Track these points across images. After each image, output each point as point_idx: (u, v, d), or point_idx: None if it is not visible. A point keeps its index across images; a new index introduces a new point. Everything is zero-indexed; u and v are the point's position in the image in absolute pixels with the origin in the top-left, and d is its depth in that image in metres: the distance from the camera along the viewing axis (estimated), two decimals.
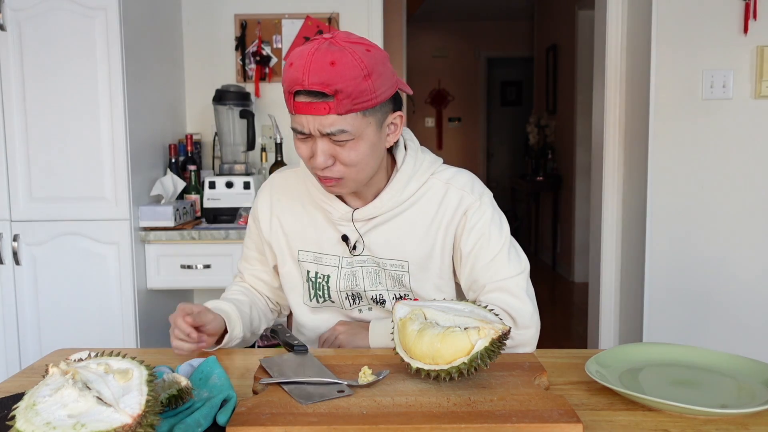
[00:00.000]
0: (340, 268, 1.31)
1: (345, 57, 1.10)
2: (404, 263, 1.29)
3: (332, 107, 1.11)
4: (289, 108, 1.16)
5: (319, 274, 1.34)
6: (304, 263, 1.35)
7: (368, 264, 1.30)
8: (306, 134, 1.16)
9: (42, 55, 2.37)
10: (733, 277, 2.76)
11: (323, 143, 1.15)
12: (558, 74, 5.74)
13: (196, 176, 2.83)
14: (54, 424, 0.73)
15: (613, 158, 3.02)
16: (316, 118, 1.12)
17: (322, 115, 1.12)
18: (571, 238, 5.37)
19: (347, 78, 1.10)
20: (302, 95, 1.11)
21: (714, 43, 2.69)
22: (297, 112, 1.14)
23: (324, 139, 1.15)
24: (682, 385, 1.04)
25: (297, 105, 1.13)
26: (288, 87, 1.13)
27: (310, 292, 1.36)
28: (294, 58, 1.13)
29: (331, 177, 1.19)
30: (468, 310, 1.07)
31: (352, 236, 1.29)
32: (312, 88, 1.10)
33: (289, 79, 1.12)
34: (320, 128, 1.13)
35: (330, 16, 3.02)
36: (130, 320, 2.47)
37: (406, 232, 1.28)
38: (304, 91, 1.11)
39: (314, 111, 1.12)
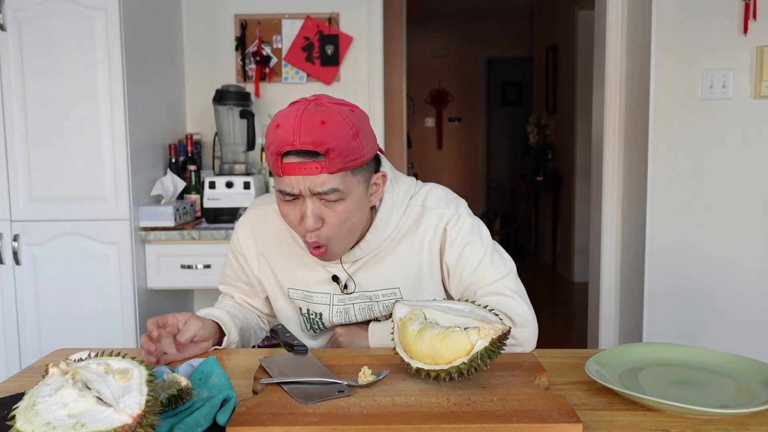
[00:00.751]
0: (332, 306, 1.32)
1: (333, 116, 1.11)
2: (396, 290, 1.30)
3: (323, 166, 1.10)
4: (275, 170, 1.13)
5: (311, 311, 1.34)
6: (296, 300, 1.35)
7: (360, 300, 1.31)
8: (294, 196, 1.14)
9: (42, 55, 2.37)
10: (732, 277, 2.76)
11: (313, 204, 1.14)
12: (558, 74, 5.74)
13: (196, 176, 2.83)
14: (54, 424, 0.73)
15: (613, 158, 3.02)
16: (306, 178, 1.11)
17: (313, 175, 1.11)
18: (571, 238, 5.37)
19: (338, 137, 1.10)
20: (292, 155, 1.10)
21: (714, 43, 2.69)
22: (286, 174, 1.12)
23: (314, 199, 1.14)
24: (682, 385, 1.04)
25: (286, 166, 1.11)
26: (276, 149, 1.11)
27: (306, 325, 1.37)
28: (280, 120, 1.12)
29: (319, 243, 1.18)
30: (468, 310, 1.07)
31: (342, 276, 1.30)
32: (304, 148, 1.09)
33: (278, 141, 1.10)
34: (311, 188, 1.12)
35: (330, 16, 3.02)
36: (130, 320, 2.47)
37: (394, 262, 1.29)
38: (294, 151, 1.10)
39: (305, 171, 1.10)
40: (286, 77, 3.06)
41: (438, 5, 6.42)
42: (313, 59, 3.03)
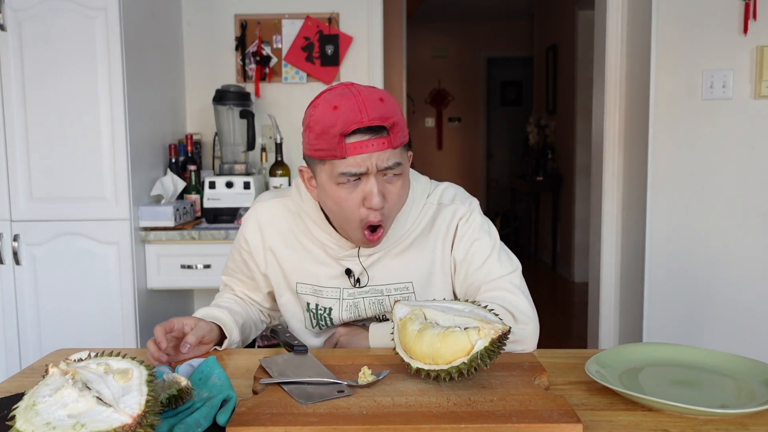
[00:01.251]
0: (342, 300, 1.31)
1: (384, 94, 1.15)
2: (408, 285, 1.30)
3: (388, 141, 1.12)
4: (336, 153, 1.11)
5: (319, 306, 1.32)
6: (303, 295, 1.34)
7: (371, 294, 1.30)
8: (357, 177, 1.13)
9: (42, 55, 2.37)
10: (733, 277, 2.76)
11: (378, 181, 1.14)
12: (558, 74, 5.74)
13: (196, 176, 2.83)
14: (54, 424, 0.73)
15: (613, 158, 3.02)
16: (373, 155, 1.11)
17: (380, 151, 1.12)
18: (571, 238, 5.37)
19: (396, 112, 1.14)
20: (359, 134, 1.10)
21: (714, 43, 2.69)
22: (351, 153, 1.11)
23: (378, 176, 1.14)
24: (682, 385, 1.04)
25: (351, 146, 1.11)
26: (341, 129, 1.10)
27: (312, 321, 1.35)
28: (335, 102, 1.12)
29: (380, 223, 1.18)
30: (468, 310, 1.07)
31: (356, 270, 1.29)
32: (373, 123, 1.10)
33: (342, 121, 1.10)
34: (378, 164, 1.12)
35: (330, 16, 3.02)
36: (130, 320, 2.47)
37: (408, 258, 1.29)
38: (362, 128, 1.10)
39: (373, 147, 1.11)
40: (286, 77, 3.06)
41: (438, 5, 6.42)
42: (313, 59, 3.03)
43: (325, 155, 1.13)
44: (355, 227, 1.19)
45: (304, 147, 1.19)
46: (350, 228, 1.20)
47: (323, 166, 1.15)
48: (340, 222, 1.21)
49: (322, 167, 1.16)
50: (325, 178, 1.16)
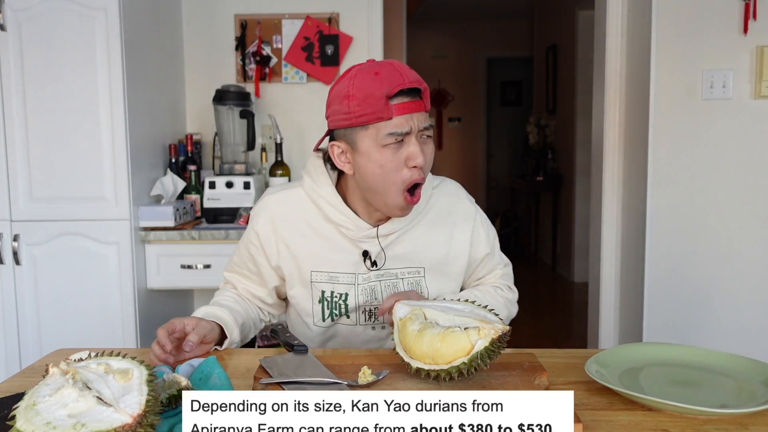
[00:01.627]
0: (357, 285, 1.32)
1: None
2: (420, 269, 1.34)
3: (422, 105, 1.21)
4: (382, 115, 1.17)
5: (335, 293, 1.33)
6: (318, 284, 1.34)
7: (386, 278, 1.33)
8: (402, 137, 1.19)
9: (42, 55, 2.37)
10: (733, 277, 2.76)
11: (418, 141, 1.21)
12: (558, 74, 5.74)
13: (196, 176, 2.83)
14: (54, 423, 0.73)
15: (613, 158, 3.02)
16: (414, 116, 1.19)
17: (419, 112, 1.20)
18: (571, 238, 5.37)
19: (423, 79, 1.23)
20: (401, 95, 1.18)
21: (714, 43, 2.69)
22: (397, 114, 1.18)
23: (417, 137, 1.21)
24: (682, 385, 1.04)
25: (396, 107, 1.17)
26: (387, 91, 1.16)
27: (324, 312, 1.35)
28: (375, 69, 1.19)
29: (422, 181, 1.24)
30: (468, 310, 1.07)
31: (374, 251, 1.31)
32: (413, 85, 1.18)
33: (387, 83, 1.16)
34: (419, 124, 1.20)
35: (330, 16, 3.02)
36: (130, 320, 2.47)
37: (422, 243, 1.34)
38: (404, 90, 1.17)
39: (414, 108, 1.19)
40: (286, 77, 3.06)
41: (438, 5, 6.42)
42: (313, 59, 3.03)
43: (370, 119, 1.18)
44: (397, 190, 1.22)
45: (339, 119, 1.22)
46: (392, 192, 1.23)
47: (366, 131, 1.20)
48: (381, 188, 1.23)
49: (365, 133, 1.20)
50: (369, 143, 1.20)
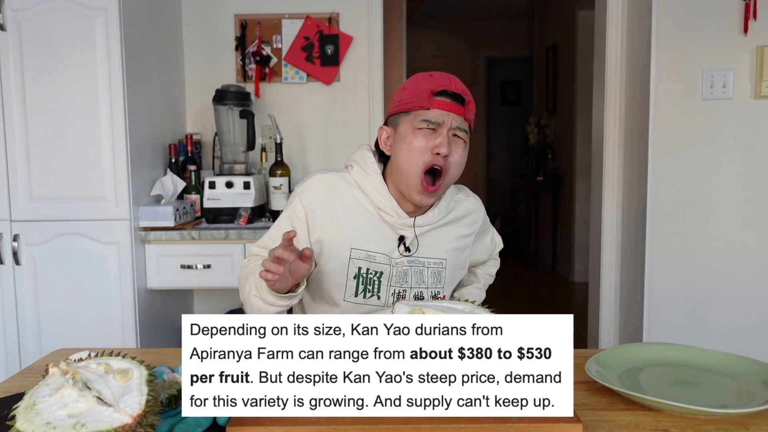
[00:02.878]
0: (392, 266, 1.43)
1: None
2: (443, 261, 1.49)
3: (463, 111, 1.38)
4: (423, 104, 1.35)
5: (370, 271, 1.42)
6: (356, 260, 1.42)
7: (415, 264, 1.46)
8: (435, 127, 1.35)
9: (42, 55, 2.37)
10: (733, 277, 2.77)
11: (448, 135, 1.37)
12: (558, 74, 5.74)
13: (196, 176, 2.83)
14: (54, 424, 0.73)
15: (613, 158, 3.02)
16: (450, 114, 1.36)
17: (458, 114, 1.37)
18: (571, 238, 5.37)
19: (474, 99, 1.42)
20: (445, 96, 1.36)
21: (714, 43, 2.69)
22: (436, 107, 1.35)
23: (449, 133, 1.37)
24: (682, 385, 1.04)
25: (437, 102, 1.36)
26: (434, 87, 1.35)
27: (358, 288, 1.42)
28: (433, 72, 1.40)
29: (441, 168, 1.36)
30: (468, 311, 1.06)
31: (409, 237, 1.45)
32: (458, 91, 1.36)
33: (436, 82, 1.36)
34: (452, 123, 1.36)
35: (330, 16, 3.02)
36: (130, 320, 2.47)
37: (447, 236, 1.50)
38: (450, 92, 1.36)
39: (454, 109, 1.36)
40: (286, 77, 3.06)
41: (438, 5, 6.42)
42: (313, 59, 3.03)
43: (413, 106, 1.37)
44: (418, 172, 1.36)
45: (392, 107, 1.42)
46: (413, 173, 1.37)
47: (407, 117, 1.38)
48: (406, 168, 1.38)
49: (406, 118, 1.38)
50: (407, 126, 1.38)
